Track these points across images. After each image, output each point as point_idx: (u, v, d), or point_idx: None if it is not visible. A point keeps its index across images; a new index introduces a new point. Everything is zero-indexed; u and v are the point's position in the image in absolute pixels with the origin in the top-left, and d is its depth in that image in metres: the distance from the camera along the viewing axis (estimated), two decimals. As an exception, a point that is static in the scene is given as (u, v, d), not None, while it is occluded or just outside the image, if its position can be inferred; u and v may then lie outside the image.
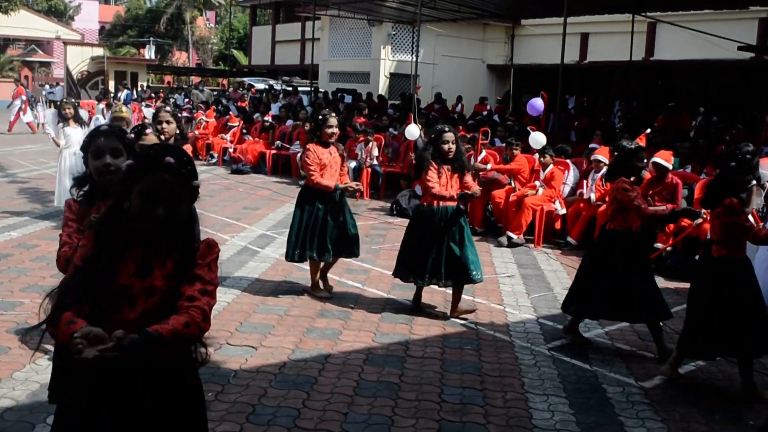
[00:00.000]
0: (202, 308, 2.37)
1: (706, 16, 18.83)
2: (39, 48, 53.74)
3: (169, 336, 2.25)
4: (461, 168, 6.36)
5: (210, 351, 5.24)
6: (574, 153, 11.72)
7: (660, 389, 5.07)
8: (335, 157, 6.82)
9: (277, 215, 11.18)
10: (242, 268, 7.85)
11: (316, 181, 6.67)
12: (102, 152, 3.31)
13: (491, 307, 6.84)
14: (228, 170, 16.50)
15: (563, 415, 4.57)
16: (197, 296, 2.39)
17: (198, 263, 2.48)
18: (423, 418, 4.43)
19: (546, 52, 22.45)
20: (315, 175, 6.68)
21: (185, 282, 2.43)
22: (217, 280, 2.51)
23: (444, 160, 6.27)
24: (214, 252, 2.54)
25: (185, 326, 2.30)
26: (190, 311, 2.34)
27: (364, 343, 5.73)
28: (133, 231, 2.45)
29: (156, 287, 2.43)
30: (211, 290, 2.47)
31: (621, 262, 5.64)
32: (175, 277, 2.44)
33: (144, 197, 2.39)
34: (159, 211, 2.39)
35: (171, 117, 5.81)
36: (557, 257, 9.20)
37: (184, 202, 2.47)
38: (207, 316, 2.39)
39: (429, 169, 6.24)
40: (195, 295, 2.39)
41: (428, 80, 24.30)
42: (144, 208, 2.39)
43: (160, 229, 2.44)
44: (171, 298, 2.41)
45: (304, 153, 6.85)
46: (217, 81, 46.25)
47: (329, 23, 26.82)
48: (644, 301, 5.60)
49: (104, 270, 2.40)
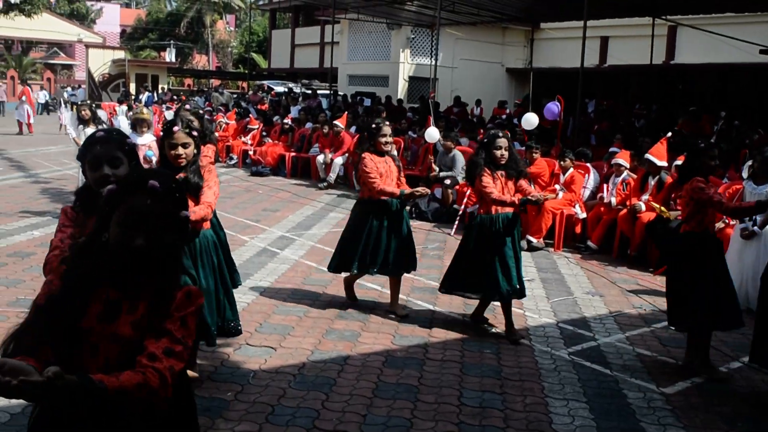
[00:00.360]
0: (162, 372, 2.02)
1: (727, 19, 18.68)
2: (61, 51, 54.24)
3: (112, 393, 1.91)
4: (517, 174, 6.04)
5: (230, 351, 5.25)
6: (594, 156, 11.67)
7: (682, 395, 5.02)
8: (391, 167, 6.41)
9: (296, 217, 11.21)
10: (261, 269, 7.87)
11: (380, 188, 6.20)
12: (99, 162, 2.98)
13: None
14: (248, 172, 16.56)
15: (583, 420, 4.53)
16: (159, 356, 2.04)
17: (172, 315, 2.12)
18: (442, 421, 4.41)
19: (565, 55, 22.39)
20: (377, 181, 6.22)
21: (151, 335, 2.09)
22: (190, 340, 2.15)
23: (497, 165, 5.98)
24: (194, 304, 2.18)
25: (137, 387, 1.96)
26: (148, 373, 1.99)
27: (384, 345, 5.73)
28: (108, 267, 2.14)
29: (120, 335, 2.11)
30: (180, 351, 2.09)
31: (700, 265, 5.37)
32: (144, 326, 2.11)
33: (123, 224, 2.09)
34: (139, 241, 2.08)
35: (193, 116, 5.80)
36: (577, 261, 9.15)
37: (169, 234, 2.14)
38: (166, 382, 2.02)
39: (483, 175, 5.92)
40: (157, 355, 2.04)
41: (447, 84, 24.30)
42: (122, 237, 2.09)
43: (138, 264, 2.12)
44: (136, 351, 2.07)
45: (360, 162, 6.40)
46: (236, 84, 46.54)
47: (348, 27, 26.89)
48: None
49: (70, 313, 2.09)
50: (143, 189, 2.11)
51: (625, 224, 9.14)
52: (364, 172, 6.28)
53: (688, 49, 20.93)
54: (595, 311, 6.95)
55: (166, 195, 2.12)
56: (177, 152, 4.38)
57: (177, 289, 2.18)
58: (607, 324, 6.56)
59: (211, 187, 4.50)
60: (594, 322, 6.62)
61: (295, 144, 17.13)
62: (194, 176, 4.40)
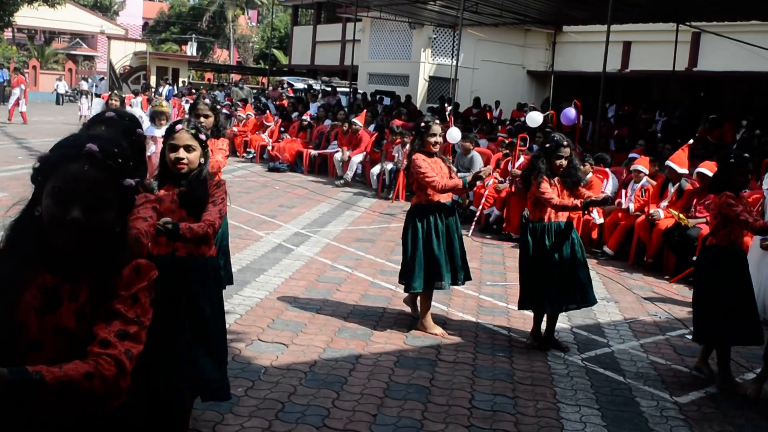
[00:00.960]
0: (118, 358, 1.74)
1: (752, 27, 18.47)
2: (83, 42, 54.54)
3: (55, 384, 1.62)
4: (574, 184, 5.78)
5: (242, 347, 5.25)
6: (613, 162, 11.60)
7: (695, 405, 4.97)
8: (442, 168, 5.98)
9: (312, 214, 11.20)
10: (276, 265, 7.87)
11: (441, 184, 5.78)
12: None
13: (524, 315, 6.76)
14: (265, 168, 16.59)
15: (595, 427, 4.49)
16: (112, 341, 1.76)
17: (119, 295, 1.83)
18: (453, 423, 4.39)
19: (587, 59, 22.28)
20: (436, 179, 5.78)
21: (100, 319, 1.80)
22: (146, 319, 1.87)
23: (554, 173, 5.75)
24: (145, 278, 1.89)
25: (85, 377, 1.67)
26: (101, 360, 1.72)
27: (396, 345, 5.70)
28: (42, 248, 1.83)
29: (64, 327, 1.82)
30: (135, 333, 1.81)
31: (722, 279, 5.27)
32: (89, 314, 1.82)
33: (56, 195, 1.78)
34: (74, 213, 1.77)
35: (209, 110, 5.77)
36: (593, 267, 9.05)
37: (111, 207, 1.84)
38: (124, 368, 1.75)
39: (542, 181, 5.66)
40: (109, 340, 1.76)
41: (467, 84, 24.22)
42: (55, 211, 1.78)
43: (75, 243, 1.80)
44: (87, 343, 1.78)
45: (412, 164, 5.89)
46: (256, 79, 46.61)
47: (370, 25, 26.87)
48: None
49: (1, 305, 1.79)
50: (80, 154, 1.80)
51: (643, 231, 9.07)
52: (420, 173, 5.81)
53: (711, 56, 20.73)
54: (609, 317, 6.89)
55: (106, 160, 1.82)
56: (178, 155, 3.65)
57: (123, 265, 1.87)
58: (621, 331, 6.51)
59: (217, 204, 3.69)
60: (608, 328, 6.57)
61: (313, 141, 17.16)
62: (197, 188, 3.69)
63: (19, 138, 19.40)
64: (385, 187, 13.69)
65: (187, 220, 3.61)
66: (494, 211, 10.91)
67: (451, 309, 6.77)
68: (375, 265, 8.17)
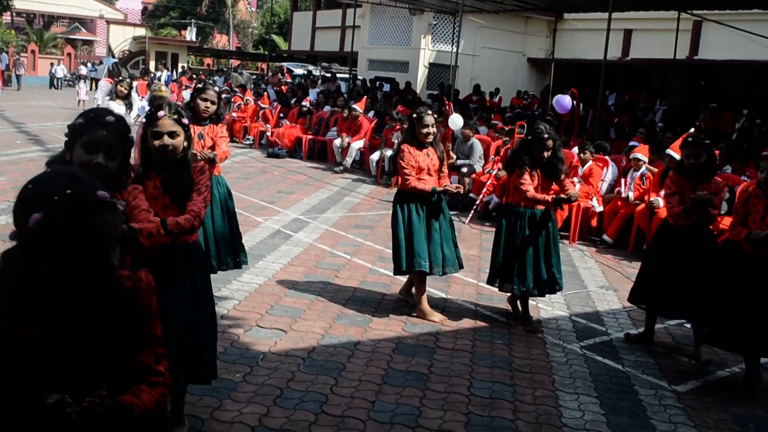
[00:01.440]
0: (168, 382, 2.04)
1: (753, 15, 18.40)
2: (82, 26, 54.38)
3: (139, 414, 1.90)
4: (555, 175, 5.93)
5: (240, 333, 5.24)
6: (613, 150, 11.58)
7: (693, 394, 4.97)
8: (433, 160, 6.07)
9: (311, 200, 11.18)
10: (275, 251, 7.86)
11: (411, 185, 5.94)
12: (97, 147, 2.74)
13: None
14: (264, 153, 16.55)
15: (594, 415, 4.49)
16: (156, 368, 2.02)
17: (142, 316, 2.02)
18: (451, 410, 4.39)
19: (588, 47, 22.20)
20: (410, 179, 5.95)
21: (129, 344, 1.99)
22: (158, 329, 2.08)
23: (536, 164, 5.89)
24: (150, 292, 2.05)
25: (156, 405, 1.98)
26: (160, 388, 2.01)
27: (395, 331, 5.70)
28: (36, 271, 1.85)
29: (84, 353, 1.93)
30: (164, 352, 2.06)
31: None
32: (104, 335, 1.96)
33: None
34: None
35: (216, 98, 5.78)
36: (592, 255, 9.09)
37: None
38: (170, 389, 2.06)
39: (524, 171, 5.82)
40: (153, 367, 2.02)
41: (468, 71, 24.15)
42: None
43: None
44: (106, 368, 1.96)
45: (398, 154, 6.11)
46: (255, 65, 46.46)
47: (370, 11, 26.76)
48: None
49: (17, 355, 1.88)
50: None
51: (642, 219, 9.06)
52: (400, 167, 6.02)
53: (712, 45, 20.66)
54: (608, 305, 6.89)
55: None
56: (163, 142, 3.55)
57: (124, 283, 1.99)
58: (620, 319, 6.51)
59: (202, 192, 3.61)
60: (607, 316, 6.57)
61: (312, 127, 17.11)
62: (181, 174, 3.61)
63: (18, 122, 19.32)
64: (384, 173, 13.66)
65: (170, 207, 3.53)
66: (494, 198, 10.89)
67: (450, 296, 6.76)
68: (374, 252, 8.16)
